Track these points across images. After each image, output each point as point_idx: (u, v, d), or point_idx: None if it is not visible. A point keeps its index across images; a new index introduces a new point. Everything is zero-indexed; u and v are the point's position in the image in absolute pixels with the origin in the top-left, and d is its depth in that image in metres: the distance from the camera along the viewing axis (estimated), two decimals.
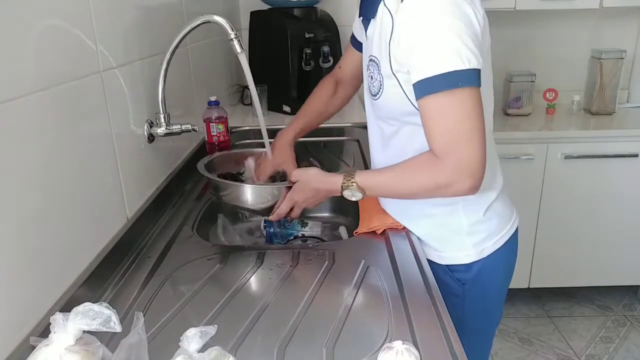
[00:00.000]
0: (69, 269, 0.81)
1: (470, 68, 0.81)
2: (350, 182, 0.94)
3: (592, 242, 2.32)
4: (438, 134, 0.85)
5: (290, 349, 0.73)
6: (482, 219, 1.02)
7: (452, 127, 0.84)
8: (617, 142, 2.19)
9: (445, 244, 1.04)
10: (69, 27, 0.83)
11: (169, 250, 1.03)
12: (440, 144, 0.85)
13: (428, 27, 0.83)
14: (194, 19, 1.10)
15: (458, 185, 0.85)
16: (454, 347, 0.71)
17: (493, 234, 1.04)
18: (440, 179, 0.86)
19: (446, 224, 1.02)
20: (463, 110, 0.83)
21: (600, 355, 2.14)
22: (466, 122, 0.83)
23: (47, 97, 0.76)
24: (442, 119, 0.84)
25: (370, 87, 1.00)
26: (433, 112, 0.85)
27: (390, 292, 0.86)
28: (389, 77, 0.92)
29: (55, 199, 0.78)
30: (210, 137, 1.29)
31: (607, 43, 2.49)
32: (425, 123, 0.87)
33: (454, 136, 0.84)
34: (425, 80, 0.83)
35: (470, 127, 0.83)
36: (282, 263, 0.97)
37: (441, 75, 0.81)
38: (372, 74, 0.98)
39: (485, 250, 1.03)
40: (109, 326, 0.59)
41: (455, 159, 0.84)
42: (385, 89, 0.94)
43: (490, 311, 1.14)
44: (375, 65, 0.95)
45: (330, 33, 2.05)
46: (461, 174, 0.84)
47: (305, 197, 1.04)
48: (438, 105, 0.84)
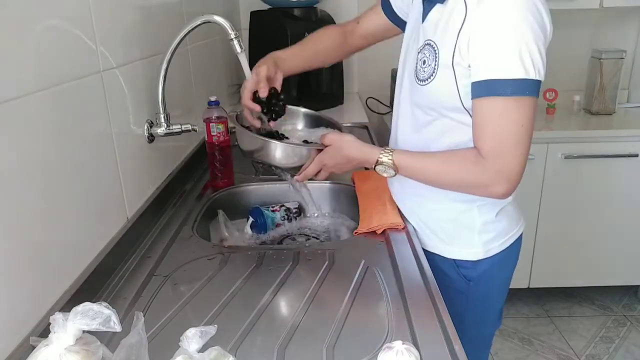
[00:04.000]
0: (69, 269, 0.81)
1: (538, 79, 0.82)
2: (387, 158, 0.94)
3: (592, 242, 2.32)
4: (489, 136, 0.85)
5: (290, 349, 0.73)
6: (494, 219, 1.03)
7: (505, 133, 0.84)
8: (617, 142, 2.19)
9: (455, 239, 1.04)
10: (69, 27, 0.83)
11: (169, 250, 1.03)
12: (489, 146, 0.86)
13: (507, 27, 0.82)
14: (194, 19, 1.10)
15: (495, 188, 0.87)
16: (454, 347, 0.71)
17: (501, 235, 1.04)
18: (481, 179, 0.88)
19: (459, 220, 1.03)
20: (520, 119, 0.83)
21: (600, 355, 2.14)
22: (520, 130, 0.84)
23: (47, 97, 0.76)
24: (498, 122, 0.84)
25: (418, 71, 0.96)
26: (491, 114, 0.85)
27: (390, 292, 0.86)
28: (446, 67, 0.89)
29: (55, 199, 0.78)
30: (210, 137, 1.29)
31: (607, 43, 2.49)
32: (479, 122, 0.87)
33: (506, 142, 0.84)
34: (492, 81, 0.82)
35: (522, 136, 0.84)
36: (282, 263, 0.97)
37: (510, 80, 0.81)
38: (425, 58, 0.94)
39: (491, 250, 1.04)
40: (109, 326, 0.59)
41: (501, 163, 0.85)
42: (437, 78, 0.92)
43: (491, 310, 1.15)
44: (432, 51, 0.92)
45: None
46: (502, 179, 0.86)
47: (336, 162, 1.03)
48: (497, 108, 0.84)
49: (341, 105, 2.17)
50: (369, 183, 1.25)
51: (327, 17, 2.10)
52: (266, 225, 1.26)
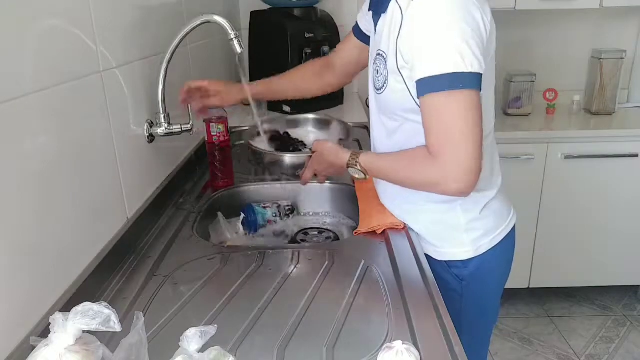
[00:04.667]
0: (69, 269, 0.81)
1: (472, 72, 0.83)
2: (355, 162, 1.02)
3: (592, 242, 2.32)
4: (434, 133, 0.87)
5: (290, 349, 0.73)
6: (478, 217, 1.03)
7: (447, 127, 0.85)
8: (617, 142, 2.19)
9: (443, 240, 1.05)
10: (69, 27, 0.83)
11: (169, 250, 1.03)
12: (435, 142, 0.87)
13: (436, 27, 0.85)
14: (194, 19, 1.10)
15: (448, 186, 0.86)
16: (454, 347, 0.71)
17: (490, 232, 1.05)
18: (432, 176, 0.88)
19: (444, 221, 1.03)
20: (460, 112, 0.84)
21: (600, 355, 2.14)
22: (462, 123, 0.84)
23: (47, 97, 0.76)
24: (439, 118, 0.86)
25: (375, 81, 1.01)
26: (432, 110, 0.86)
27: (391, 292, 0.86)
28: (394, 72, 0.93)
29: (55, 199, 0.78)
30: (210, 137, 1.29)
31: (607, 43, 2.49)
32: (424, 120, 0.88)
33: (449, 136, 0.85)
34: (428, 78, 0.84)
35: (465, 130, 0.84)
36: (282, 263, 0.97)
37: (443, 75, 0.83)
38: (378, 67, 0.99)
39: (481, 247, 1.04)
40: (109, 326, 0.59)
41: (447, 159, 0.85)
42: (389, 84, 0.96)
43: (488, 307, 1.16)
44: (382, 59, 0.97)
45: (330, 33, 2.05)
46: (453, 176, 0.85)
47: (323, 167, 1.14)
48: (437, 104, 0.85)
49: (341, 105, 2.17)
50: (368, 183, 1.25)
51: (327, 17, 2.10)
52: (257, 221, 1.26)
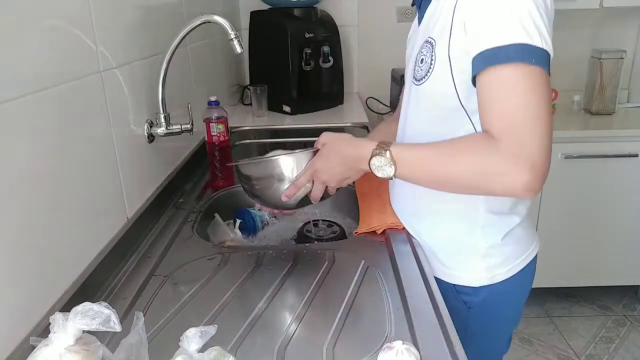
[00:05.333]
0: (69, 269, 0.81)
1: (544, 49, 0.71)
2: (383, 150, 0.80)
3: (592, 242, 2.32)
4: (498, 114, 0.72)
5: (290, 349, 0.73)
6: (499, 243, 0.93)
7: (518, 107, 0.71)
8: (617, 142, 2.19)
9: (456, 262, 0.96)
10: (69, 27, 0.83)
11: (169, 250, 1.03)
12: (501, 125, 0.72)
13: None
14: (194, 19, 1.10)
15: (517, 177, 0.70)
16: (454, 347, 0.71)
17: (509, 260, 0.95)
18: (494, 164, 0.72)
19: (462, 242, 0.94)
20: (534, 90, 0.70)
21: (600, 355, 2.14)
22: (536, 104, 0.70)
23: (47, 97, 0.76)
24: (507, 95, 0.72)
25: (416, 71, 0.88)
26: (496, 86, 0.72)
27: (390, 292, 0.86)
28: (442, 59, 0.81)
29: (55, 199, 0.78)
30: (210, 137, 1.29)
31: (607, 43, 2.49)
32: (484, 101, 0.74)
33: (520, 117, 0.70)
34: (492, 49, 0.71)
35: (540, 111, 0.70)
36: (282, 263, 0.96)
37: (513, 45, 0.70)
38: (423, 56, 0.85)
39: (497, 277, 0.94)
40: (109, 326, 0.59)
41: (518, 143, 0.70)
42: (434, 72, 0.82)
43: (497, 339, 1.06)
44: (430, 47, 0.83)
45: (330, 33, 2.05)
46: (522, 164, 0.70)
47: (329, 164, 0.89)
48: (503, 78, 0.71)
49: (341, 105, 2.17)
50: (369, 183, 1.25)
51: (327, 17, 2.10)
52: (255, 225, 1.26)
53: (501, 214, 0.93)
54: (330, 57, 2.04)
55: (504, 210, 0.93)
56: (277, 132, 1.90)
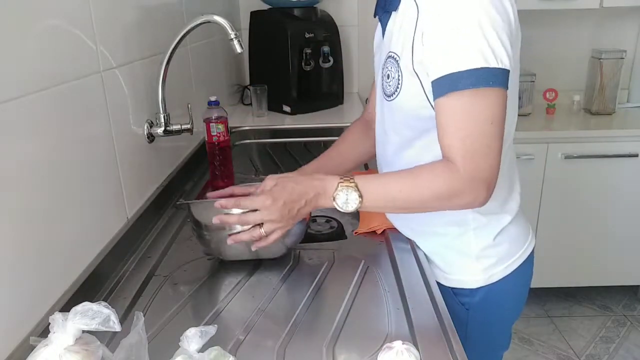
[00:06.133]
0: (69, 269, 0.81)
1: (501, 67, 0.74)
2: (350, 182, 0.81)
3: (592, 242, 2.32)
4: (457, 139, 0.76)
5: (290, 349, 0.73)
6: (492, 244, 0.94)
7: (475, 132, 0.75)
8: (617, 142, 2.19)
9: (452, 266, 0.96)
10: (69, 27, 0.83)
11: (169, 250, 1.03)
12: (458, 150, 0.76)
13: (459, 14, 0.74)
14: (194, 19, 1.10)
15: (473, 196, 0.78)
16: (454, 347, 0.71)
17: (503, 259, 0.95)
18: (456, 187, 0.78)
19: (455, 246, 0.95)
20: (488, 115, 0.75)
21: (600, 355, 2.14)
22: (490, 127, 0.75)
23: (47, 97, 0.76)
24: (464, 121, 0.76)
25: (385, 87, 0.89)
26: (454, 112, 0.76)
27: (390, 292, 0.86)
28: (409, 73, 0.82)
29: (55, 199, 0.78)
30: (210, 137, 1.29)
31: (607, 43, 2.49)
32: (443, 125, 0.78)
33: (476, 143, 0.76)
34: (449, 75, 0.74)
35: (493, 134, 0.76)
36: (282, 263, 0.96)
37: (470, 71, 0.73)
38: (389, 72, 0.87)
39: (494, 276, 0.95)
40: (109, 325, 0.59)
41: (475, 167, 0.76)
42: (403, 88, 0.84)
43: (496, 336, 1.06)
44: (394, 62, 0.85)
45: (330, 33, 2.05)
46: (478, 185, 0.77)
47: (281, 197, 0.82)
48: (461, 105, 0.75)
49: (341, 105, 2.17)
50: None
51: (327, 17, 2.10)
52: None
53: (491, 214, 0.93)
54: (330, 57, 2.04)
55: (493, 210, 0.92)
56: (277, 132, 1.90)
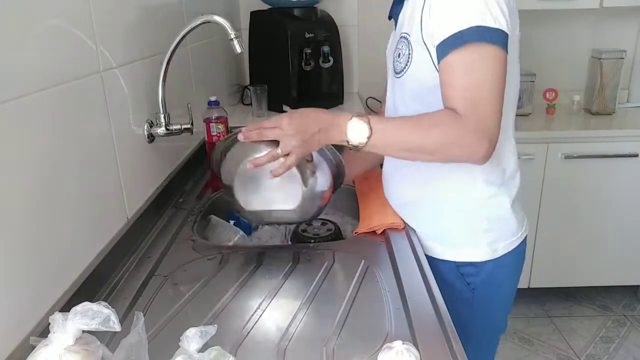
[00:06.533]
0: (69, 269, 0.81)
1: (499, 28, 0.80)
2: (362, 118, 0.85)
3: (592, 242, 2.32)
4: (459, 90, 0.82)
5: (290, 349, 0.73)
6: (502, 217, 1.00)
7: (475, 84, 0.81)
8: (617, 142, 2.19)
9: (461, 241, 1.02)
10: (69, 27, 0.83)
11: (169, 250, 1.03)
12: (462, 101, 0.81)
13: None
14: (194, 19, 1.10)
15: (475, 146, 0.81)
16: (454, 347, 0.71)
17: (507, 236, 1.02)
18: (459, 136, 0.82)
19: (464, 220, 1.00)
20: (488, 68, 0.81)
21: (600, 355, 2.14)
22: (490, 80, 0.81)
23: (48, 97, 0.76)
24: (465, 75, 0.82)
25: (395, 66, 0.96)
26: (455, 68, 0.82)
27: (390, 292, 0.86)
28: (419, 45, 0.89)
29: (55, 199, 0.78)
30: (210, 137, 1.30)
31: (607, 43, 2.49)
32: (445, 82, 0.83)
33: (477, 93, 0.81)
34: (451, 37, 0.81)
35: (493, 88, 0.81)
36: (282, 263, 0.96)
37: (468, 29, 0.80)
38: (400, 51, 0.94)
39: (498, 251, 1.01)
40: (109, 325, 0.59)
41: (477, 118, 0.81)
42: (412, 61, 0.90)
43: (497, 317, 1.12)
44: (405, 40, 0.92)
45: (330, 33, 2.04)
46: (482, 136, 0.81)
47: (300, 127, 0.86)
48: (461, 60, 0.81)
49: (341, 105, 2.17)
50: (369, 183, 1.25)
51: (327, 17, 2.10)
52: (249, 225, 1.26)
53: (500, 186, 0.98)
54: (330, 57, 2.04)
55: (503, 181, 0.98)
56: None
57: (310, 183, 0.96)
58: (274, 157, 0.89)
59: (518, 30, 0.93)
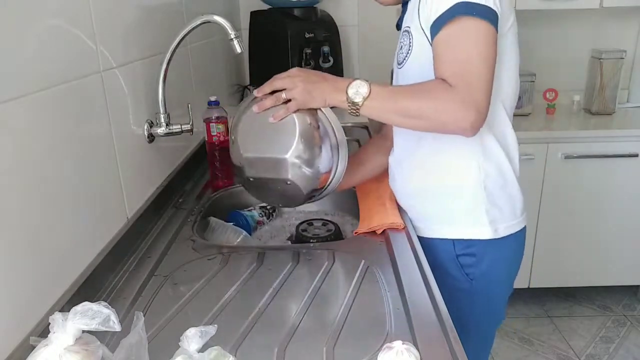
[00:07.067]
0: (69, 269, 0.81)
1: (486, 5, 0.84)
2: (362, 79, 0.91)
3: (592, 242, 2.32)
4: (449, 64, 0.86)
5: (290, 349, 0.73)
6: (500, 195, 1.03)
7: (464, 55, 0.85)
8: (617, 142, 2.19)
9: (463, 219, 1.05)
10: (69, 27, 0.83)
11: (169, 250, 1.03)
12: (451, 72, 0.86)
13: None
14: (194, 19, 1.10)
15: (463, 115, 0.85)
16: (454, 347, 0.71)
17: (507, 218, 1.05)
18: (449, 105, 0.86)
19: (465, 197, 1.03)
20: (477, 40, 0.84)
21: (600, 355, 2.14)
22: (478, 52, 0.84)
23: (47, 97, 0.76)
24: (455, 47, 0.86)
25: (398, 57, 1.00)
26: (446, 41, 0.86)
27: (390, 292, 0.86)
28: (418, 33, 0.93)
29: (55, 199, 0.78)
30: (210, 137, 1.29)
31: (607, 43, 2.49)
32: (437, 55, 0.88)
33: (467, 64, 0.85)
34: (440, 16, 0.85)
35: (483, 59, 0.84)
36: (282, 263, 0.97)
37: (456, 4, 0.84)
38: (402, 43, 0.99)
39: (498, 231, 1.04)
40: (108, 325, 0.59)
41: (466, 88, 0.84)
42: (413, 49, 0.95)
43: (495, 308, 1.15)
44: (407, 33, 0.97)
45: (330, 33, 2.05)
46: (469, 106, 0.84)
47: (308, 77, 0.94)
48: (451, 34, 0.86)
49: None
50: (369, 183, 1.25)
51: (327, 17, 2.10)
52: (249, 225, 1.26)
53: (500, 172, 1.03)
54: (330, 57, 2.04)
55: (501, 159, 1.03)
56: None
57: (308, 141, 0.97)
58: (279, 100, 0.94)
59: (513, 18, 0.97)
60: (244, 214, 1.28)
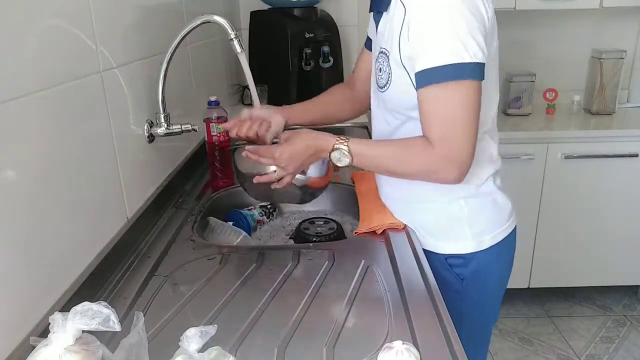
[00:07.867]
0: (69, 269, 0.81)
1: (475, 62, 0.84)
2: (343, 144, 0.95)
3: (592, 242, 2.32)
4: (435, 124, 0.88)
5: (290, 349, 0.73)
6: (484, 207, 1.04)
7: (449, 118, 0.87)
8: (617, 142, 2.19)
9: (446, 235, 1.05)
10: (69, 27, 0.83)
11: (169, 250, 1.03)
12: (436, 133, 0.88)
13: (439, 16, 0.85)
14: (194, 19, 1.10)
15: (446, 174, 0.90)
16: (454, 347, 0.71)
17: (492, 227, 1.05)
18: (431, 165, 0.90)
19: (446, 212, 1.03)
20: (462, 103, 0.86)
21: (600, 355, 2.14)
22: (464, 114, 0.87)
23: (47, 97, 0.76)
24: (441, 109, 0.88)
25: (378, 79, 1.01)
26: (433, 101, 0.88)
27: (390, 292, 0.86)
28: (398, 67, 0.93)
29: (55, 199, 0.78)
30: (210, 137, 1.29)
31: (607, 43, 2.49)
32: (424, 111, 0.90)
33: (450, 127, 0.87)
34: (430, 69, 0.85)
35: (467, 120, 0.87)
36: (282, 263, 0.97)
37: (446, 66, 0.84)
38: (381, 66, 0.99)
39: (483, 243, 1.04)
40: (108, 325, 0.59)
41: (449, 149, 0.88)
42: (393, 81, 0.96)
43: (488, 307, 1.15)
44: (385, 57, 0.97)
45: (330, 33, 2.05)
46: (451, 165, 0.88)
47: (293, 157, 0.97)
48: (439, 95, 0.87)
49: None
50: (368, 183, 1.25)
51: (327, 17, 2.10)
52: (249, 224, 1.26)
53: (478, 185, 1.02)
54: (330, 57, 2.04)
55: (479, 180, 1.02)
56: None
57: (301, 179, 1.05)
58: (273, 179, 1.01)
59: (496, 43, 0.96)
60: (243, 213, 1.28)
